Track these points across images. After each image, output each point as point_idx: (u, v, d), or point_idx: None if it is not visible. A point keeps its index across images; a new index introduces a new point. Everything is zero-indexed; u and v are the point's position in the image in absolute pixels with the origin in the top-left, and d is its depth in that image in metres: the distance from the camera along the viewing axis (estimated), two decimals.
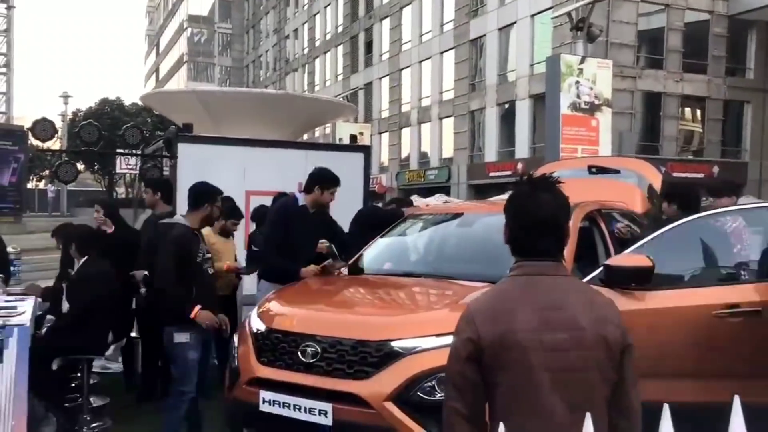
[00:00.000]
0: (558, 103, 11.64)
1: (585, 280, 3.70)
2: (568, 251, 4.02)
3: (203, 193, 4.50)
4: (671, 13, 26.85)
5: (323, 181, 5.04)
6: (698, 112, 28.49)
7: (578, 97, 11.93)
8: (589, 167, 6.14)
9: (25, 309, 4.59)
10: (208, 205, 4.49)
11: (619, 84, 22.17)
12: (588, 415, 1.45)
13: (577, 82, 11.94)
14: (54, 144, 11.27)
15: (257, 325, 3.98)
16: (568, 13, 12.78)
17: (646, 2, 26.21)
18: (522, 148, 28.58)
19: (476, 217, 5.50)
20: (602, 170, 6.08)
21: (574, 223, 4.49)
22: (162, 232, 4.64)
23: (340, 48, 45.08)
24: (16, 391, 3.13)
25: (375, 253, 5.15)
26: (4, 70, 32.41)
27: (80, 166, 13.44)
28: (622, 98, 24.60)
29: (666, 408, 1.44)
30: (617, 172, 6.03)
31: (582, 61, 12.09)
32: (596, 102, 12.22)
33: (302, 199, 5.10)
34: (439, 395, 3.21)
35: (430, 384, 3.29)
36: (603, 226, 4.85)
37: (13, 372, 2.99)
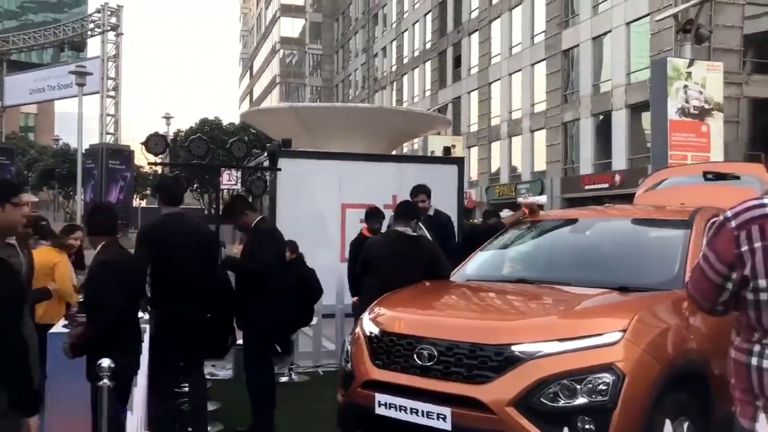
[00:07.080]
0: (665, 109, 11.10)
1: None
2: (691, 262, 3.88)
3: None
4: None
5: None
6: None
7: (687, 102, 11.34)
8: (705, 173, 5.85)
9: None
10: None
11: (724, 91, 21.07)
12: None
13: (686, 86, 11.35)
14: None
15: (370, 328, 3.98)
16: (674, 15, 12.23)
17: (752, 4, 24.86)
18: (619, 160, 27.61)
19: (591, 223, 5.31)
20: (719, 176, 5.77)
21: (698, 230, 4.28)
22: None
23: (428, 64, 45.25)
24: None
25: (480, 262, 5.06)
26: (113, 93, 34.41)
27: None
28: (728, 106, 23.20)
29: None
30: (737, 177, 5.70)
31: (690, 64, 11.51)
32: (706, 107, 11.59)
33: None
34: (562, 401, 3.16)
35: (553, 390, 3.20)
36: None
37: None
